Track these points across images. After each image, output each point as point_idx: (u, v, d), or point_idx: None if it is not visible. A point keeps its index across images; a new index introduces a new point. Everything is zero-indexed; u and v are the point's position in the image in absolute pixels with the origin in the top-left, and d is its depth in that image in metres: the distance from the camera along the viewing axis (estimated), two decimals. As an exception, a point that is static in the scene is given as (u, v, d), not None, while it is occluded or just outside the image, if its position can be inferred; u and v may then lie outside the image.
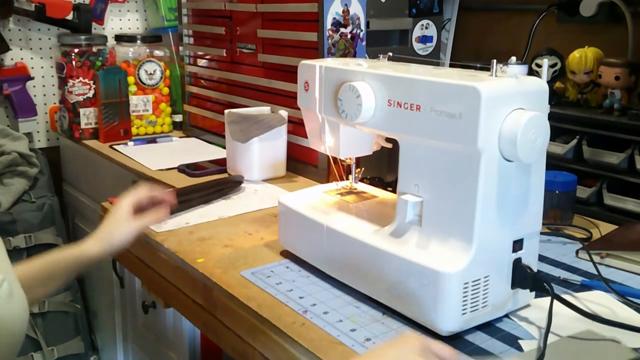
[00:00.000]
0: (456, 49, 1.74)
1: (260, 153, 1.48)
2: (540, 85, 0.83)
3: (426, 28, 1.54)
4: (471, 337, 0.83)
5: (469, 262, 0.79)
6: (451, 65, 1.64)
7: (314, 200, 1.04)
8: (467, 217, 0.80)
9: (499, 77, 0.80)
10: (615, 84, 1.27)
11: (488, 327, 0.85)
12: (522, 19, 1.64)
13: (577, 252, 1.10)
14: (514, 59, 0.87)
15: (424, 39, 1.55)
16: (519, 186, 0.83)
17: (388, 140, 1.01)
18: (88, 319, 2.07)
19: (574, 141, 1.32)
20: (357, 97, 0.89)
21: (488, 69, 0.81)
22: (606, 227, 1.22)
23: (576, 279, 1.00)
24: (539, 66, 1.38)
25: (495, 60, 0.81)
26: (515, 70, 0.80)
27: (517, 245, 0.85)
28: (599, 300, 0.92)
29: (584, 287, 0.97)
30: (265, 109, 1.58)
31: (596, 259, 1.04)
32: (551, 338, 0.80)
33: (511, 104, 0.78)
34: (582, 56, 1.33)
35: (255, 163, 1.48)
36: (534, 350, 0.79)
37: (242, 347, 0.92)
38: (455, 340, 0.81)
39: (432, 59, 1.53)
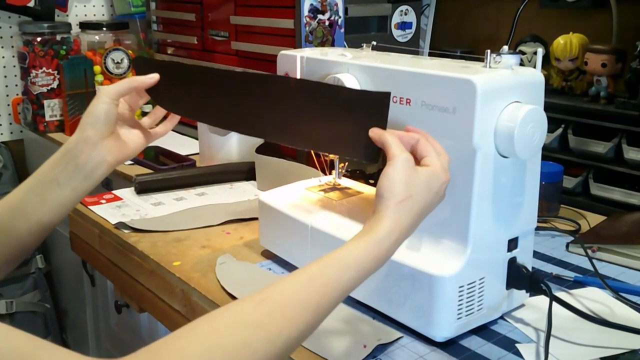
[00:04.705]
0: (435, 35, 1.69)
1: (239, 146, 1.42)
2: (536, 77, 0.79)
3: (405, 14, 1.49)
4: (466, 342, 0.79)
5: (464, 264, 0.75)
6: (430, 54, 1.60)
7: (296, 197, 0.99)
8: (461, 217, 0.76)
9: (494, 69, 0.76)
10: (601, 71, 1.24)
11: (483, 331, 0.81)
12: (501, 3, 1.60)
13: (567, 245, 1.07)
14: (505, 48, 0.82)
15: (404, 25, 1.50)
16: (514, 183, 0.79)
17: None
18: (58, 319, 2.00)
19: (559, 130, 1.29)
20: (343, 90, 0.83)
21: (470, 56, 0.77)
22: (593, 218, 1.19)
23: (569, 274, 0.96)
24: (523, 53, 1.35)
25: (489, 51, 0.76)
26: (510, 60, 0.76)
27: (512, 244, 0.81)
28: (595, 298, 0.89)
29: (577, 284, 0.94)
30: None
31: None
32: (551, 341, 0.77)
33: (507, 97, 0.74)
34: (566, 43, 1.29)
35: (234, 157, 1.42)
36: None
37: (224, 356, 0.86)
38: (450, 345, 0.77)
39: (413, 47, 1.49)
